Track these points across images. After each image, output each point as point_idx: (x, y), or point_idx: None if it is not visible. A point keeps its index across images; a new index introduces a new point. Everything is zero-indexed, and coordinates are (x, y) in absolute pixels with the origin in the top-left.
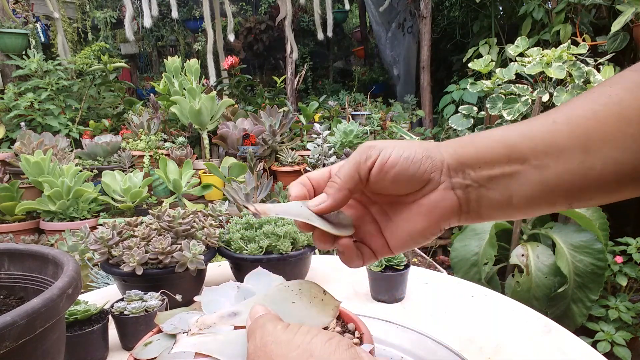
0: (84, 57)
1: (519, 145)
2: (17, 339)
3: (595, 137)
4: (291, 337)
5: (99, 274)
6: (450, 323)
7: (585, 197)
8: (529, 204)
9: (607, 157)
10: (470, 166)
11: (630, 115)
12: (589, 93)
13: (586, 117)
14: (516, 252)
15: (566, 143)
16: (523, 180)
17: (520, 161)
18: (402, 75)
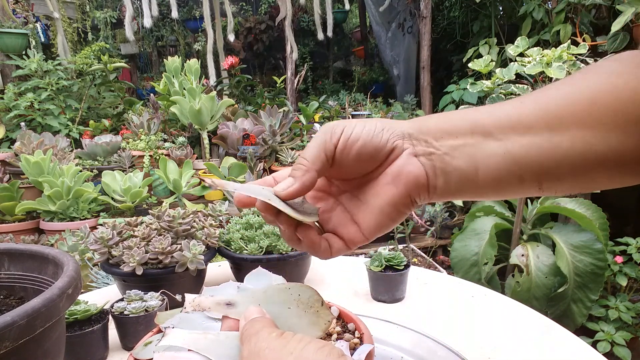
0: (84, 57)
1: (483, 120)
2: (17, 339)
3: (564, 116)
4: (284, 344)
5: (99, 274)
6: (450, 323)
7: (554, 176)
8: (496, 178)
9: (575, 136)
10: (432, 135)
11: (601, 100)
12: (563, 79)
13: (556, 99)
14: (516, 252)
15: (532, 120)
16: (488, 151)
17: (484, 134)
18: (402, 75)
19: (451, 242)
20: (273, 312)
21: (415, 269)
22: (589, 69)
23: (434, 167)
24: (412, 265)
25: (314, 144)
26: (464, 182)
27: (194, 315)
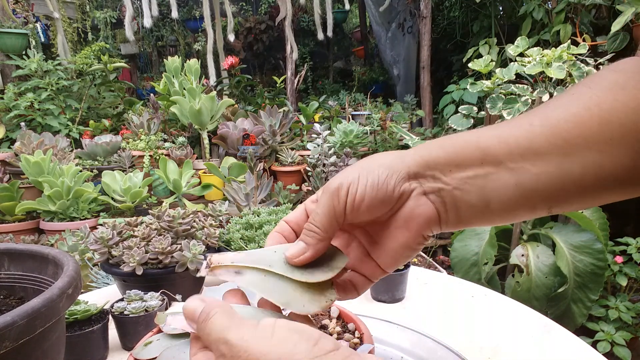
0: (84, 57)
1: (493, 147)
2: (17, 339)
3: (574, 140)
4: (267, 349)
5: (99, 274)
6: (450, 323)
7: (565, 201)
8: (508, 208)
9: (587, 160)
10: (439, 169)
11: (611, 119)
12: (568, 95)
13: (565, 120)
14: (516, 252)
15: (543, 146)
16: (499, 183)
17: (494, 164)
18: (402, 75)
19: (451, 242)
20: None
21: (415, 269)
22: (592, 81)
23: (444, 203)
24: (412, 265)
25: (323, 210)
26: (476, 214)
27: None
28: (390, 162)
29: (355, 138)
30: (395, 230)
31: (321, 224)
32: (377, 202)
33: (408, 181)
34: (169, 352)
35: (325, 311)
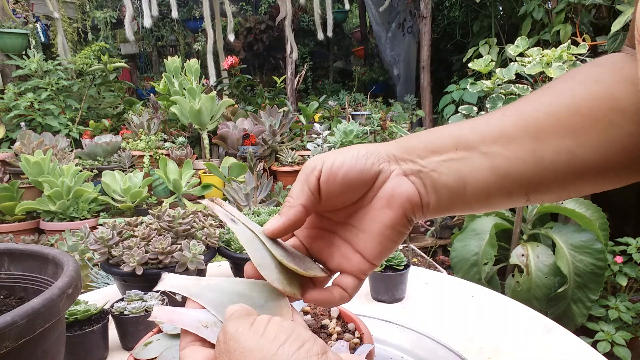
0: (84, 57)
1: (466, 136)
2: (17, 339)
3: (545, 126)
4: (255, 345)
5: (99, 274)
6: (450, 323)
7: (541, 189)
8: (484, 193)
9: (559, 146)
10: (417, 154)
11: (582, 109)
12: (544, 88)
13: (536, 109)
14: (516, 252)
15: (515, 132)
16: (474, 166)
17: (467, 149)
18: (402, 75)
19: (451, 242)
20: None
21: (415, 269)
22: (570, 75)
23: (424, 185)
24: (412, 265)
25: (296, 181)
26: (454, 198)
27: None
28: (370, 146)
29: (355, 138)
30: (378, 211)
31: (293, 192)
32: (354, 173)
33: (387, 162)
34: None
35: (325, 311)
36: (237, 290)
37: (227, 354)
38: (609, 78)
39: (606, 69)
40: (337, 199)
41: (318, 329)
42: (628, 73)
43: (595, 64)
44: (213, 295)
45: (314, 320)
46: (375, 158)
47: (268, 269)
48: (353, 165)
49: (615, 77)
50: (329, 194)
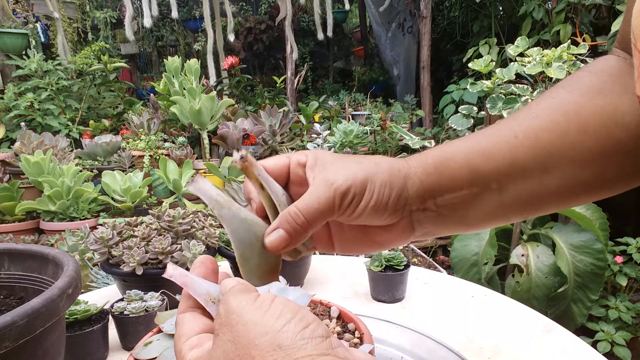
0: (84, 57)
1: (482, 167)
2: (17, 339)
3: (554, 152)
4: (259, 319)
5: (99, 274)
6: (450, 323)
7: (539, 210)
8: (483, 221)
9: (565, 173)
10: (434, 197)
11: (588, 127)
12: (548, 99)
13: (547, 130)
14: (516, 252)
15: (526, 161)
16: (483, 203)
17: (482, 185)
18: (402, 75)
19: (451, 242)
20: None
21: (415, 269)
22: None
23: (424, 227)
24: (412, 265)
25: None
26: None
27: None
28: (395, 181)
29: (355, 138)
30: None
31: (313, 220)
32: (371, 220)
33: (403, 207)
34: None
35: (325, 311)
36: (256, 234)
37: (228, 327)
38: (610, 89)
39: (605, 79)
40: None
41: None
42: (629, 83)
43: (592, 72)
44: (238, 227)
45: None
46: (395, 207)
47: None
48: (371, 217)
49: (617, 89)
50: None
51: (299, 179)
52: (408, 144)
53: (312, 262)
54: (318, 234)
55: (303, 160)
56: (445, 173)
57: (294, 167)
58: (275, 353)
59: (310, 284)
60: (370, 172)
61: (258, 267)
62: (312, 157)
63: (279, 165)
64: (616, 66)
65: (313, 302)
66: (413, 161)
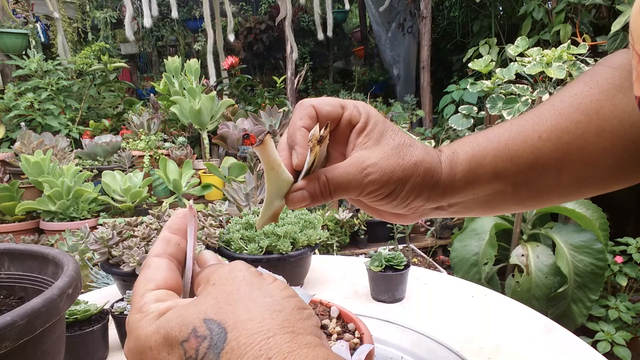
0: (84, 57)
1: (505, 172)
2: (17, 339)
3: (572, 153)
4: (264, 285)
5: (99, 274)
6: (450, 323)
7: (542, 204)
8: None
9: (577, 172)
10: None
11: (607, 127)
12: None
13: (568, 131)
14: (516, 252)
15: (547, 161)
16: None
17: (503, 183)
18: (402, 75)
19: (451, 242)
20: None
21: (415, 269)
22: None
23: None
24: (412, 265)
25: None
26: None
27: None
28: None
29: None
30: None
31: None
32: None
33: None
34: None
35: (325, 311)
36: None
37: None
38: (630, 86)
39: (625, 75)
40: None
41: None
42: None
43: (612, 66)
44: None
45: None
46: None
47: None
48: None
49: None
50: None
51: (343, 138)
52: None
53: (312, 262)
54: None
55: (356, 119)
56: (471, 179)
57: (344, 124)
58: (276, 315)
59: (310, 284)
60: (407, 174)
61: (275, 211)
62: (363, 121)
63: (332, 115)
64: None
65: (313, 302)
66: (446, 164)
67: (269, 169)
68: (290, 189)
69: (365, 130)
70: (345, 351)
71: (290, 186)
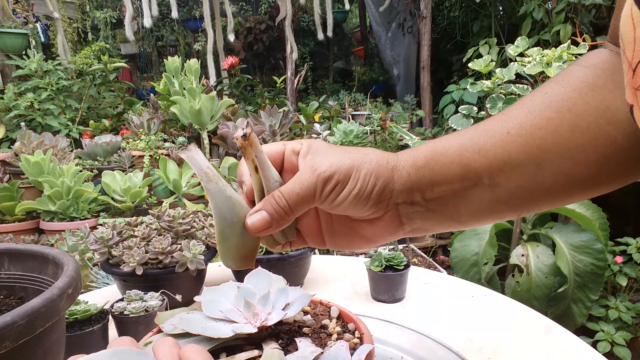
0: (84, 57)
1: (474, 163)
2: (17, 339)
3: (547, 149)
4: None
5: (99, 274)
6: (450, 323)
7: (533, 206)
8: (477, 217)
9: (558, 170)
10: (422, 190)
11: (581, 124)
12: (541, 94)
13: (540, 127)
14: (516, 252)
15: (519, 157)
16: (474, 199)
17: (473, 179)
18: (402, 75)
19: (451, 242)
20: None
21: (415, 269)
22: (563, 79)
23: (413, 222)
24: (412, 265)
25: (302, 192)
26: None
27: (194, 315)
28: (381, 171)
29: (355, 138)
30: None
31: (294, 204)
32: (353, 209)
33: (389, 199)
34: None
35: (325, 311)
36: (238, 214)
37: None
38: (603, 85)
39: (598, 73)
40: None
41: (318, 329)
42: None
43: (586, 66)
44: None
45: (314, 320)
46: (380, 196)
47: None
48: (354, 205)
49: (609, 85)
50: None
51: (292, 166)
52: (408, 144)
53: (312, 262)
54: (308, 226)
55: (297, 148)
56: (435, 168)
57: (288, 154)
58: None
59: (310, 284)
60: (357, 161)
61: (235, 249)
62: (306, 146)
63: (274, 152)
64: (608, 60)
65: (313, 302)
66: (403, 155)
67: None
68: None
69: (310, 151)
70: (345, 351)
71: None
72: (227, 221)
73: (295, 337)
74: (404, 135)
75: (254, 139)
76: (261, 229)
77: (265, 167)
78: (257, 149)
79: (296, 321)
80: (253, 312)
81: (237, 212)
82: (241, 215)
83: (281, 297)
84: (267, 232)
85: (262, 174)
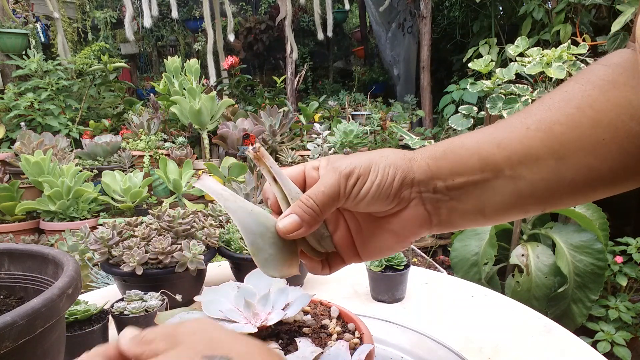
0: (84, 57)
1: (493, 156)
2: (17, 339)
3: (569, 143)
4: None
5: (99, 274)
6: (450, 323)
7: (557, 201)
8: (502, 212)
9: (580, 164)
10: (442, 179)
11: (603, 120)
12: (560, 92)
13: (560, 123)
14: (516, 252)
15: (540, 151)
16: (496, 190)
17: (494, 172)
18: (402, 75)
19: (451, 242)
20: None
21: (415, 269)
22: (583, 77)
23: (439, 212)
24: (412, 265)
25: (327, 190)
26: (468, 219)
27: (194, 315)
28: (399, 162)
29: (355, 138)
30: (386, 232)
31: (322, 203)
32: (378, 201)
33: (410, 188)
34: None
35: (325, 311)
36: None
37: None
38: (625, 82)
39: (620, 71)
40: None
41: (318, 328)
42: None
43: (606, 64)
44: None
45: (314, 320)
46: (401, 184)
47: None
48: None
49: (631, 82)
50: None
51: (314, 181)
52: (408, 144)
53: None
54: (341, 238)
55: (317, 164)
56: (454, 159)
57: (309, 171)
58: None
59: (310, 284)
60: (375, 157)
61: (272, 258)
62: (325, 159)
63: (294, 173)
64: (631, 59)
65: (313, 302)
66: (420, 150)
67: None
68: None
69: (329, 162)
70: (345, 351)
71: None
72: (256, 234)
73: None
74: (404, 135)
75: (263, 152)
76: (292, 230)
77: (283, 177)
78: (269, 159)
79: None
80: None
81: (264, 223)
82: (268, 225)
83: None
84: (299, 235)
85: (282, 182)
